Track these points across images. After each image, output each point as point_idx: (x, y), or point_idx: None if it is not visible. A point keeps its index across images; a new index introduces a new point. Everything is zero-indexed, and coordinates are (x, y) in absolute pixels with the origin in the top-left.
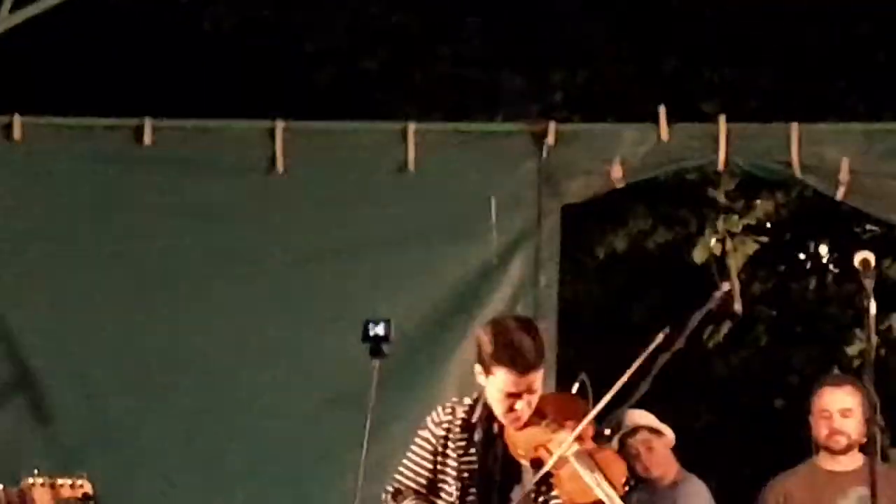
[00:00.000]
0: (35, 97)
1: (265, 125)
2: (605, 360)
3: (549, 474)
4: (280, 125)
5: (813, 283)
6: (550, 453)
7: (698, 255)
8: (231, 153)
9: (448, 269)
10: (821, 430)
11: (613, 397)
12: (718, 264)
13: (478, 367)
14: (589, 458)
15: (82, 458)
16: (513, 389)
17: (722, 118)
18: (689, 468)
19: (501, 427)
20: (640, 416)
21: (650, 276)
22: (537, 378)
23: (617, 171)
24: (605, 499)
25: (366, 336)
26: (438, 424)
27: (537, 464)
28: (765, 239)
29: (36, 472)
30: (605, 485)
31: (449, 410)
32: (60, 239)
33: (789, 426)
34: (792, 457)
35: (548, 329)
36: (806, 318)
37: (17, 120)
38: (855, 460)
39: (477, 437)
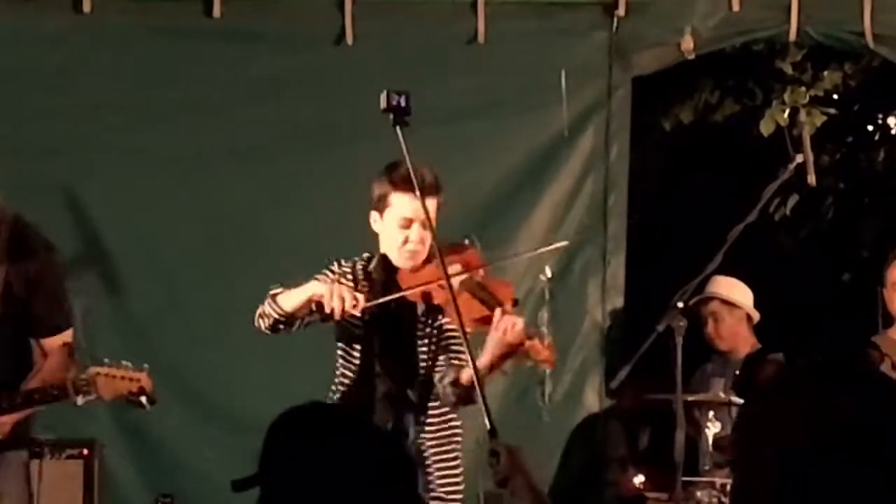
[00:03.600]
0: None
1: None
2: (673, 231)
3: (438, 307)
4: None
5: (881, 155)
6: (443, 288)
7: (765, 128)
8: (300, 26)
9: (519, 141)
10: (895, 300)
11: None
12: (790, 136)
13: (373, 215)
14: (476, 280)
15: (149, 331)
16: (411, 215)
17: None
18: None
19: (396, 272)
20: (719, 285)
21: (717, 149)
22: (433, 207)
23: (688, 43)
24: (489, 308)
25: (388, 106)
26: (339, 271)
27: (429, 298)
28: (832, 111)
29: (106, 360)
30: (490, 296)
31: (348, 263)
32: (129, 111)
33: (858, 300)
34: (861, 331)
35: (619, 202)
36: (875, 191)
37: None
38: None
39: (373, 283)
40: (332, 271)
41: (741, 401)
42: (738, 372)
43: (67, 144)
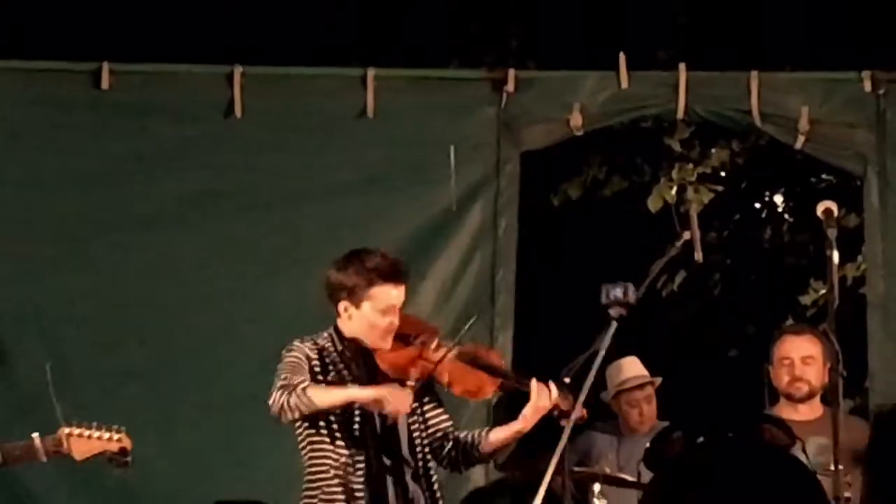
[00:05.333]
0: None
1: (223, 70)
2: (560, 306)
3: (431, 384)
4: (238, 70)
5: (768, 233)
6: (431, 361)
7: (653, 204)
8: (189, 98)
9: (407, 215)
10: (782, 378)
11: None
12: (678, 212)
13: (344, 304)
14: (470, 353)
15: (39, 402)
16: (395, 302)
17: (682, 66)
18: None
19: (371, 355)
20: (635, 367)
21: (605, 224)
22: (404, 293)
23: (577, 119)
24: (504, 378)
25: (608, 300)
26: (309, 349)
27: (424, 375)
28: (720, 188)
29: (73, 422)
30: (496, 367)
31: (312, 343)
32: (17, 181)
33: (744, 376)
34: (747, 406)
35: (507, 276)
36: (761, 268)
37: None
38: (814, 409)
39: (351, 364)
40: (305, 353)
41: (630, 478)
42: (648, 446)
43: None
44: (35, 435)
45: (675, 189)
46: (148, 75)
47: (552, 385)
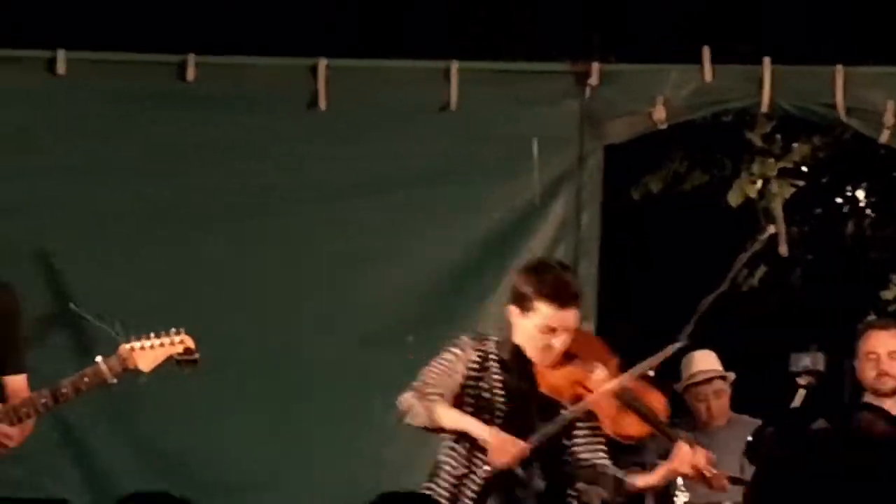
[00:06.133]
0: (79, 32)
1: (308, 62)
2: (641, 300)
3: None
4: (323, 62)
5: (850, 228)
6: (589, 390)
7: (733, 198)
8: (273, 90)
9: (489, 209)
10: (867, 372)
11: (654, 341)
12: (763, 207)
13: (513, 308)
14: (630, 392)
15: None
16: (553, 324)
17: (766, 60)
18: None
19: (532, 366)
20: (707, 361)
21: (685, 218)
22: (574, 316)
23: (660, 112)
24: (657, 431)
25: (796, 368)
26: (473, 349)
27: (576, 400)
28: (801, 182)
29: (133, 337)
30: (655, 418)
31: (481, 343)
32: (102, 174)
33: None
34: (829, 403)
35: (589, 270)
36: (842, 263)
37: (60, 55)
38: None
39: (509, 374)
40: (467, 356)
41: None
42: (749, 440)
43: (32, 203)
44: (98, 358)
45: (756, 184)
46: (233, 67)
47: (699, 451)
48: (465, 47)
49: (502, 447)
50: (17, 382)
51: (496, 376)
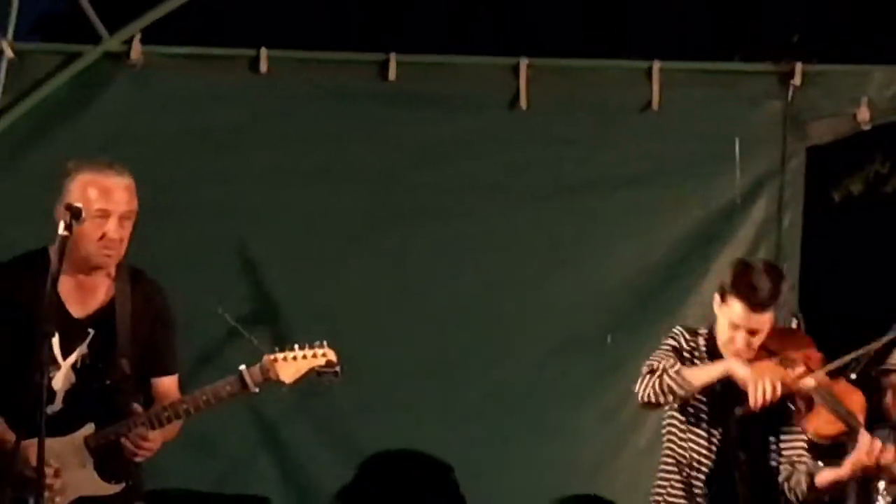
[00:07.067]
0: (281, 31)
1: (509, 62)
2: (843, 301)
3: (787, 409)
4: (524, 62)
5: None
6: (784, 383)
7: None
8: (474, 89)
9: (690, 208)
10: None
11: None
12: None
13: (716, 297)
14: (829, 390)
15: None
16: (740, 323)
17: None
18: None
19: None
20: None
21: (886, 220)
22: (765, 321)
23: (864, 113)
24: (848, 428)
25: None
26: (687, 340)
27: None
28: None
29: (277, 349)
30: (848, 415)
31: (692, 335)
32: (303, 171)
33: None
34: None
35: (790, 270)
36: None
37: (263, 53)
38: None
39: (710, 358)
40: (681, 345)
41: None
42: None
43: (239, 205)
44: (242, 367)
45: None
46: (434, 67)
47: (876, 442)
48: (667, 47)
49: (762, 372)
50: (166, 384)
51: (700, 360)
